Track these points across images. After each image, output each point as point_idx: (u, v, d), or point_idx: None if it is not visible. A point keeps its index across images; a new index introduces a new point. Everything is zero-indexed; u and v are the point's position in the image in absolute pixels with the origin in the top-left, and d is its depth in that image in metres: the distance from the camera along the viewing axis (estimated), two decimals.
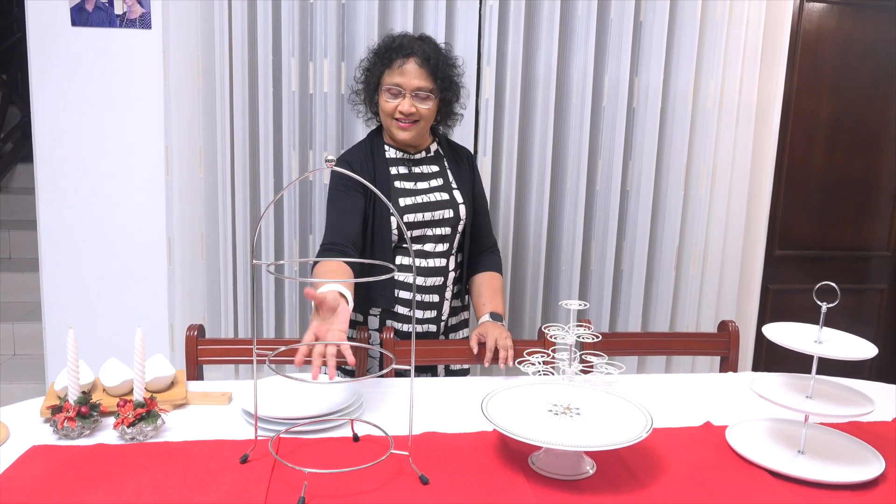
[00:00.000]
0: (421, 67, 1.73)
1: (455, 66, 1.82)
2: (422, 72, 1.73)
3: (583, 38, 2.46)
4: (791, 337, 1.29)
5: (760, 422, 1.43)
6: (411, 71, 1.73)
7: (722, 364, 1.97)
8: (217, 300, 2.46)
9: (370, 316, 1.86)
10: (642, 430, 1.20)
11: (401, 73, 1.73)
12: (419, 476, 1.18)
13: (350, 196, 1.77)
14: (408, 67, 1.73)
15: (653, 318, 2.69)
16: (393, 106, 1.75)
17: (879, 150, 2.93)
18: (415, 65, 1.73)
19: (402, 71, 1.73)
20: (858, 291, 3.05)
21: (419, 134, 1.80)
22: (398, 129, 1.77)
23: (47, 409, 1.34)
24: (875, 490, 1.20)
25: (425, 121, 1.78)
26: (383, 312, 1.85)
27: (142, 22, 2.34)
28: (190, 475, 1.17)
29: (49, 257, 2.47)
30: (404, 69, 1.73)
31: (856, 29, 2.81)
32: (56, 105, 2.38)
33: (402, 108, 1.74)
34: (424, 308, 1.85)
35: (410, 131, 1.77)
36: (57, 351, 2.52)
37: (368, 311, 1.86)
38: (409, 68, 1.73)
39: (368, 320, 1.87)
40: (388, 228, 1.78)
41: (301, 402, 1.43)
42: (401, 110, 1.74)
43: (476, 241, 1.96)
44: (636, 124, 2.56)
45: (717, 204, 2.64)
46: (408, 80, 1.73)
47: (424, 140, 1.87)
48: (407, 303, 1.83)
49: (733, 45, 2.53)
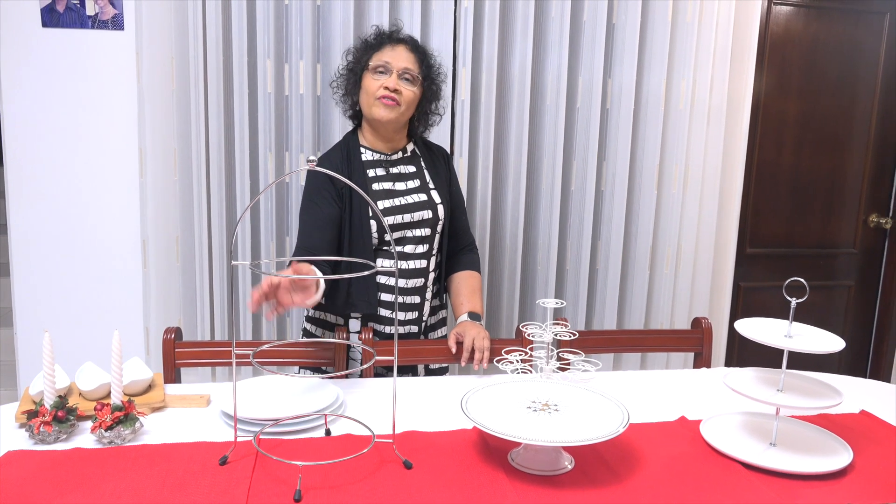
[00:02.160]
0: (410, 52, 1.78)
1: (438, 68, 1.85)
2: (411, 56, 1.78)
3: (557, 40, 2.49)
4: (762, 332, 1.32)
5: (733, 415, 1.46)
6: (400, 52, 1.77)
7: (696, 360, 2.01)
8: (193, 303, 2.44)
9: (351, 318, 1.86)
10: (619, 425, 1.22)
11: (391, 53, 1.77)
12: (403, 461, 1.20)
13: (322, 207, 1.77)
14: (398, 50, 1.78)
15: (628, 316, 2.73)
16: (378, 83, 1.75)
17: (845, 150, 3.00)
18: (404, 48, 1.78)
19: (392, 51, 1.77)
20: (826, 288, 3.12)
21: (398, 119, 1.78)
22: (381, 106, 1.75)
23: (22, 413, 1.33)
24: (844, 479, 1.23)
25: (406, 106, 1.77)
26: (365, 315, 1.85)
27: (114, 23, 2.32)
28: (170, 477, 1.17)
29: (20, 261, 2.43)
30: (394, 50, 1.77)
31: (821, 31, 2.87)
32: (27, 107, 2.34)
33: (387, 84, 1.74)
34: (406, 310, 1.85)
35: (393, 110, 1.75)
36: (29, 356, 2.48)
37: (349, 314, 1.86)
38: (399, 50, 1.78)
39: (350, 323, 1.86)
40: (367, 231, 1.78)
41: (280, 404, 1.43)
42: (385, 86, 1.74)
43: (454, 239, 1.97)
44: (610, 125, 2.60)
45: (689, 203, 2.68)
46: (396, 59, 1.76)
47: (401, 138, 1.88)
48: (389, 305, 1.83)
49: (704, 46, 2.58)
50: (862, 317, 3.19)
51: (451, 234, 1.95)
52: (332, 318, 1.88)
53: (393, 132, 1.82)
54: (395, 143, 1.86)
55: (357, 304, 1.81)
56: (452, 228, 1.95)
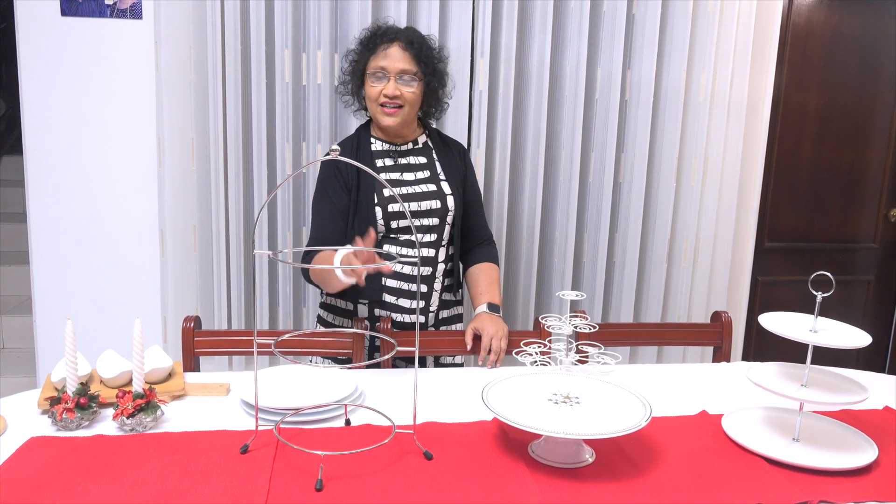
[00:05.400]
0: (404, 51, 1.77)
1: (438, 52, 1.84)
2: (405, 55, 1.77)
3: (576, 32, 2.46)
4: (787, 326, 1.30)
5: (755, 410, 1.45)
6: (395, 54, 1.76)
7: (714, 354, 1.99)
8: (210, 292, 2.45)
9: (359, 304, 1.88)
10: (641, 418, 1.21)
11: (385, 57, 1.77)
12: (423, 452, 1.20)
13: (333, 198, 1.81)
14: (391, 51, 1.77)
15: (644, 310, 2.71)
16: (378, 90, 1.77)
17: (866, 143, 2.96)
18: (398, 48, 1.77)
19: (386, 55, 1.77)
20: (845, 283, 3.09)
21: (404, 120, 1.81)
22: (383, 114, 1.79)
23: (45, 400, 1.34)
24: (868, 476, 1.22)
25: (410, 106, 1.79)
26: (371, 302, 1.87)
27: (133, 12, 2.32)
28: (192, 465, 1.17)
29: (39, 250, 2.44)
30: (388, 53, 1.77)
31: (843, 23, 2.83)
32: (46, 97, 2.35)
33: (386, 91, 1.76)
34: (412, 297, 1.86)
35: (395, 117, 1.78)
36: (48, 344, 2.50)
37: (357, 300, 1.88)
38: (393, 52, 1.76)
39: (358, 309, 1.88)
40: (373, 218, 1.79)
41: (300, 394, 1.43)
42: (385, 93, 1.76)
43: (470, 235, 1.97)
44: (628, 117, 2.58)
45: (708, 196, 2.66)
46: (392, 63, 1.76)
47: (412, 131, 1.89)
48: (393, 292, 1.85)
49: (725, 39, 2.55)
50: (881, 312, 3.15)
51: (468, 229, 1.95)
52: (342, 304, 1.91)
53: (401, 128, 1.84)
54: (405, 136, 1.88)
55: (363, 290, 1.82)
56: (469, 224, 1.95)
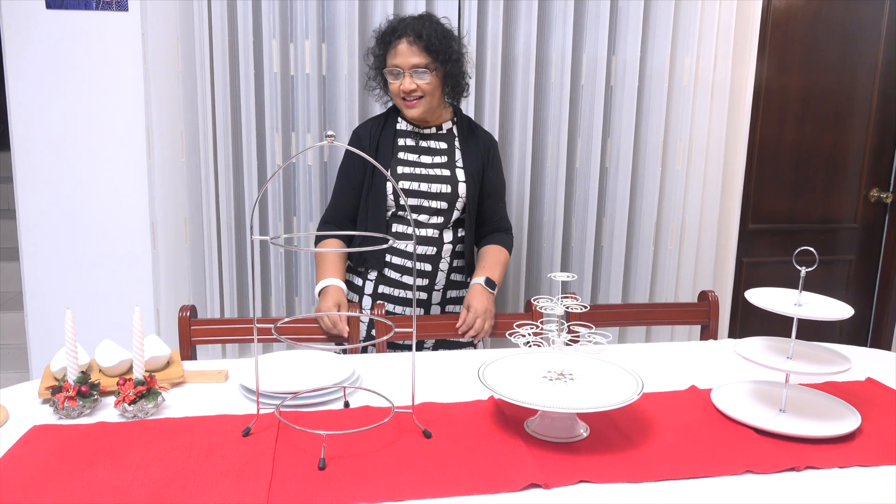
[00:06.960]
0: (412, 45, 1.81)
1: (453, 39, 1.88)
2: (413, 49, 1.81)
3: (561, 17, 2.49)
4: (773, 301, 1.34)
5: (743, 384, 1.49)
6: (404, 50, 1.82)
7: (702, 333, 2.04)
8: (202, 283, 2.46)
9: (367, 281, 1.96)
10: (634, 392, 1.24)
11: (396, 55, 1.83)
12: (423, 431, 1.23)
13: (351, 172, 1.94)
14: (400, 48, 1.82)
15: (632, 291, 2.75)
16: (396, 86, 1.86)
17: (847, 126, 3.01)
18: (406, 44, 1.82)
19: (397, 52, 1.83)
20: (827, 263, 3.14)
21: (427, 109, 1.89)
22: (405, 107, 1.88)
23: (46, 389, 1.35)
24: (852, 443, 1.26)
25: (430, 95, 1.86)
26: (378, 276, 1.95)
27: (118, 4, 2.31)
28: (195, 448, 1.20)
29: (30, 245, 2.44)
30: (398, 50, 1.83)
31: (823, 7, 2.87)
32: (32, 90, 2.34)
33: (402, 87, 1.84)
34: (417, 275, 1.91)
35: (417, 108, 1.87)
36: (39, 339, 2.50)
37: (366, 274, 1.96)
38: (402, 48, 1.82)
39: (365, 285, 1.96)
40: (383, 195, 1.88)
41: (298, 378, 1.45)
42: (402, 89, 1.84)
43: (489, 222, 2.05)
44: (614, 102, 2.61)
45: (693, 179, 2.69)
46: (403, 60, 1.82)
47: (438, 116, 1.96)
48: (397, 268, 1.93)
49: (707, 24, 2.58)
50: (863, 290, 3.22)
51: (485, 217, 2.03)
52: (348, 277, 1.99)
53: (427, 115, 1.92)
54: (429, 121, 1.96)
55: (367, 259, 1.95)
56: (487, 212, 2.03)
